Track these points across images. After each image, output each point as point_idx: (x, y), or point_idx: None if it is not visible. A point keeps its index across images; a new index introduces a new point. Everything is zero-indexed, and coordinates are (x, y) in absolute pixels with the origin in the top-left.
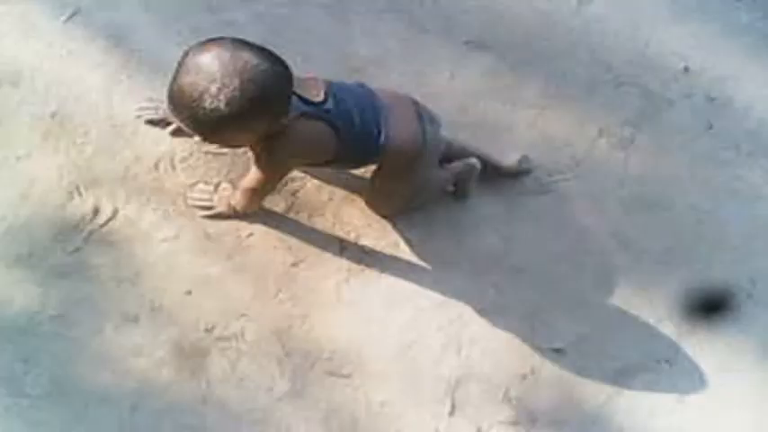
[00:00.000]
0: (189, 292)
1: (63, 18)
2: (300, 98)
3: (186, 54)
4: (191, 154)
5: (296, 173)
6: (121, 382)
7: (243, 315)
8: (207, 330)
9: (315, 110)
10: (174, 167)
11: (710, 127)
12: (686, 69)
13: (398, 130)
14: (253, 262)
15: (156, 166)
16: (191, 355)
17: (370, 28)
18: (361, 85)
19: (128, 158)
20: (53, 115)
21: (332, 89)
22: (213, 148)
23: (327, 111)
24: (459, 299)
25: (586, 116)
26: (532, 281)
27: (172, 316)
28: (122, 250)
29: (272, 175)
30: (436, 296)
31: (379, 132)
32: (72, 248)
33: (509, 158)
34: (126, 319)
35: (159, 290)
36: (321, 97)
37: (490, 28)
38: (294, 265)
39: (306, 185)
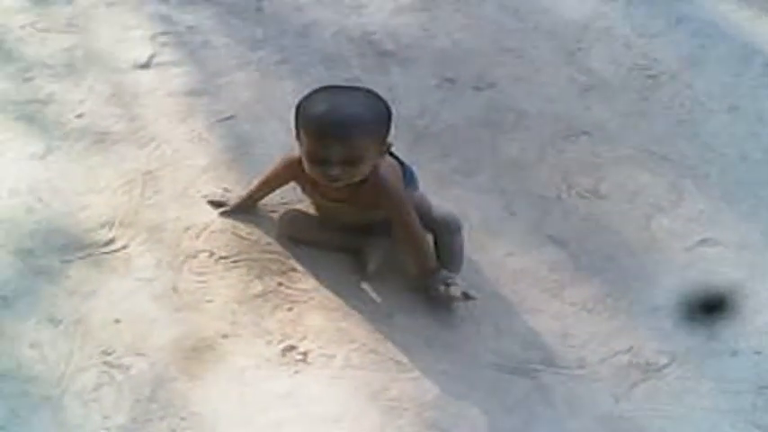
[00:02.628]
0: (118, 321)
1: (219, 118)
2: None
3: (315, 97)
4: (221, 231)
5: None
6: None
7: (142, 354)
8: (103, 353)
9: None
10: (198, 236)
11: None
12: None
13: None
14: (193, 320)
15: (186, 230)
16: (71, 365)
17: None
18: None
19: (170, 217)
20: (146, 173)
21: None
22: (244, 231)
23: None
24: None
25: (626, 332)
26: None
27: (87, 332)
28: (100, 274)
29: (408, 205)
30: (327, 423)
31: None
32: (66, 260)
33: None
34: (49, 321)
35: (96, 310)
36: None
37: (583, 232)
38: (225, 336)
39: (294, 279)
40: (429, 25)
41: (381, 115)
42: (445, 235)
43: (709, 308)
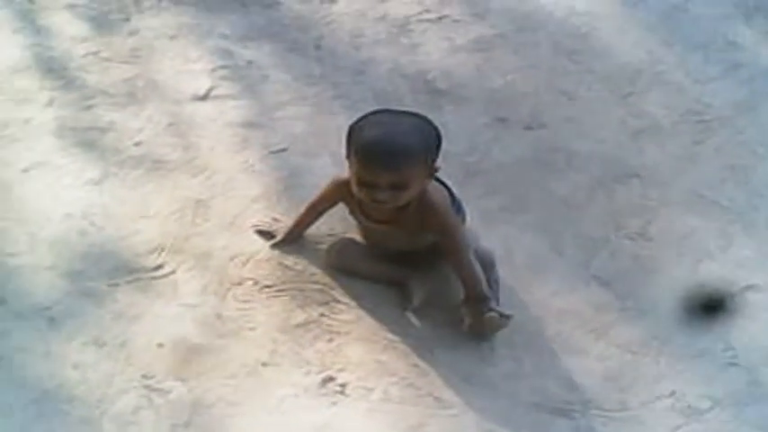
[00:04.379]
0: (161, 345)
1: (272, 149)
2: None
3: (366, 121)
4: (267, 260)
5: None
6: (44, 377)
7: (182, 380)
8: (144, 377)
9: None
10: (245, 264)
11: None
12: None
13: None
14: (234, 347)
15: (233, 258)
16: (112, 387)
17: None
18: None
19: (218, 245)
20: (198, 201)
21: None
22: (289, 261)
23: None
24: None
25: (669, 376)
26: None
27: (130, 355)
28: (146, 298)
29: (457, 226)
30: None
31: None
32: (113, 283)
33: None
34: (94, 343)
35: (140, 334)
36: None
37: (629, 274)
38: (264, 364)
39: (337, 310)
40: (484, 66)
41: (431, 140)
42: (485, 270)
43: (710, 308)
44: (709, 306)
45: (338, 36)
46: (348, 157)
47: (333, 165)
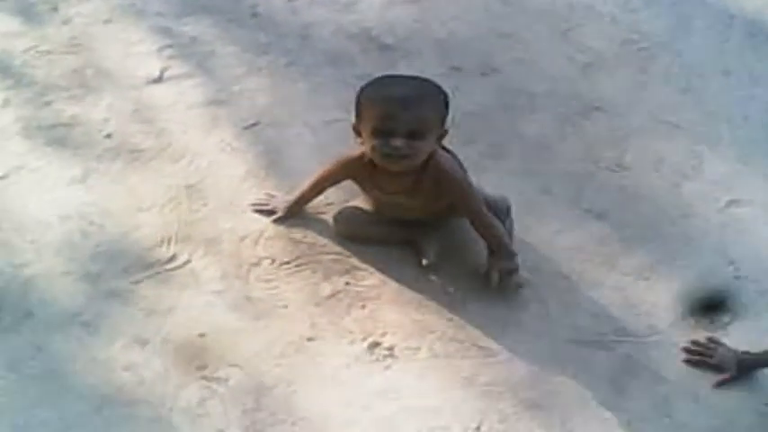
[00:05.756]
0: (202, 335)
1: (244, 125)
2: None
3: (377, 82)
4: (277, 237)
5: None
6: (99, 384)
7: (236, 365)
8: (198, 368)
9: None
10: (256, 243)
11: None
12: None
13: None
14: (275, 327)
15: (243, 239)
16: (170, 383)
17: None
18: None
19: (224, 228)
20: (188, 186)
21: None
22: (298, 235)
23: None
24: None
25: (679, 293)
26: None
27: (176, 350)
28: (171, 291)
29: (472, 188)
30: (430, 413)
31: None
32: (135, 280)
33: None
34: (136, 342)
35: (180, 326)
36: None
37: (619, 204)
38: (310, 339)
39: (359, 277)
40: (422, 17)
41: (441, 96)
42: (500, 216)
43: (710, 308)
44: (709, 306)
45: (272, 2)
46: (358, 121)
47: (308, 132)
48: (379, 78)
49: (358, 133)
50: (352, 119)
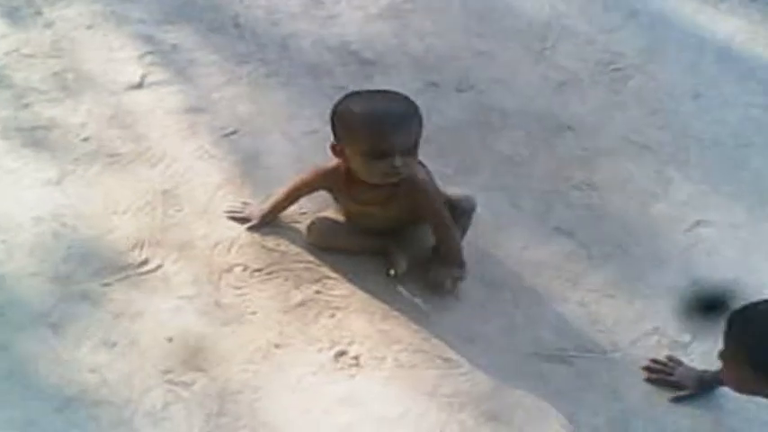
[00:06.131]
0: (170, 339)
1: (222, 133)
2: None
3: (354, 101)
4: (249, 245)
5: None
6: (63, 385)
7: (202, 370)
8: (163, 372)
9: None
10: (229, 250)
11: None
12: None
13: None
14: (243, 333)
15: (216, 245)
16: (135, 386)
17: None
18: None
19: (198, 234)
20: (164, 192)
21: None
22: (271, 243)
23: None
24: None
25: (648, 314)
26: None
27: (143, 353)
28: (141, 294)
29: (442, 203)
30: (391, 422)
31: None
32: (105, 283)
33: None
34: (103, 344)
35: (148, 330)
36: None
37: (587, 222)
38: (277, 346)
39: (330, 286)
40: (401, 32)
41: (416, 107)
42: (463, 216)
43: (709, 308)
44: (709, 307)
45: (254, 13)
46: (338, 141)
47: (286, 142)
48: (354, 97)
49: (338, 153)
50: (331, 138)
